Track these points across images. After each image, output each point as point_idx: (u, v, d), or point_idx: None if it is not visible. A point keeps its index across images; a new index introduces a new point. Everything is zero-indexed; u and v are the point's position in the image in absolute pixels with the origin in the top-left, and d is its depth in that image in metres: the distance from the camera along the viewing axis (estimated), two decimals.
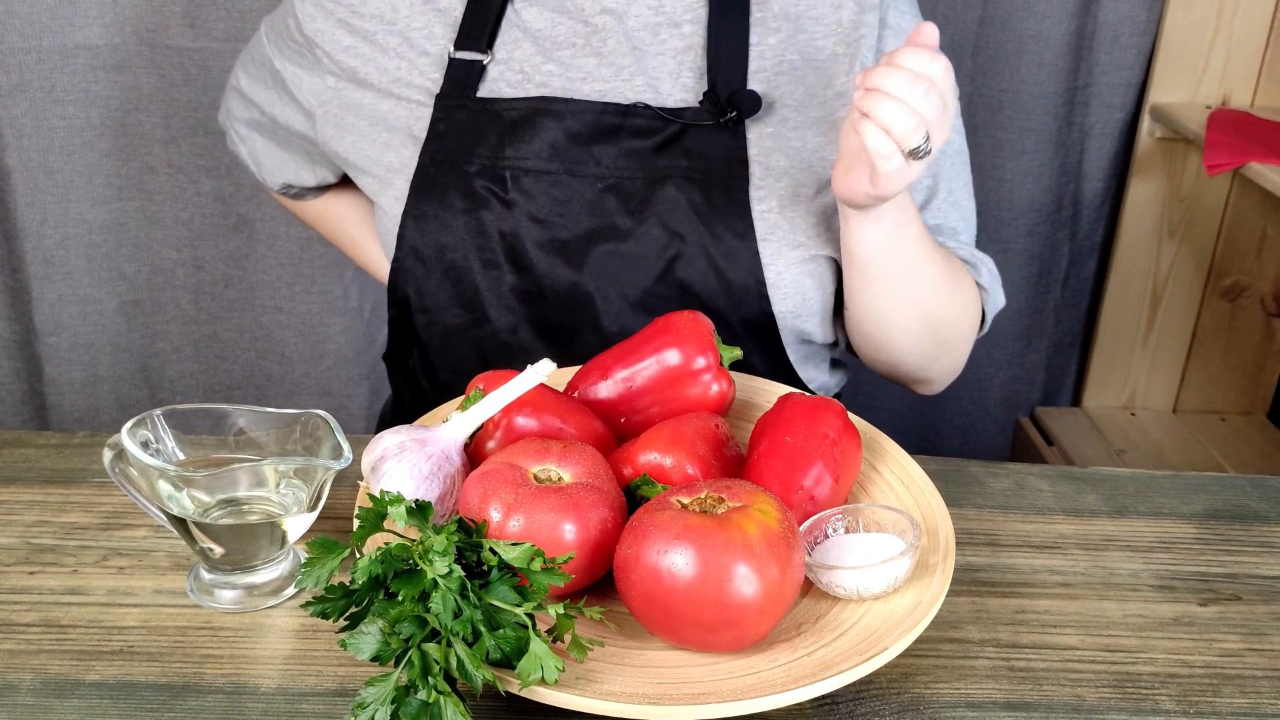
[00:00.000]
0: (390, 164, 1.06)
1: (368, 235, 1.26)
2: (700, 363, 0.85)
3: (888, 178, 0.85)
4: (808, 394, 0.85)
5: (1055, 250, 1.88)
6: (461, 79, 1.03)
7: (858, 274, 0.99)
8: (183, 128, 1.67)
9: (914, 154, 0.84)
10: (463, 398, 0.83)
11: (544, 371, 0.79)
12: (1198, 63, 1.77)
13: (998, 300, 1.11)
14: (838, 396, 1.19)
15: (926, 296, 1.01)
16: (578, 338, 1.03)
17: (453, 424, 0.79)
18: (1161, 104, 1.78)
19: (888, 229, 0.95)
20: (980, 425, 2.00)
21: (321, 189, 1.24)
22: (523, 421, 0.80)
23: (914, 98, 0.81)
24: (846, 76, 1.03)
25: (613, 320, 1.02)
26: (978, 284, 1.08)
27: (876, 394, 1.96)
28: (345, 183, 1.22)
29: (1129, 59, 1.76)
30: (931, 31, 0.84)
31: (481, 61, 1.03)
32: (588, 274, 1.02)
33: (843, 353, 1.19)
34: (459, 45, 1.03)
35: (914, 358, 1.06)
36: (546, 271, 1.02)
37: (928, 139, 0.83)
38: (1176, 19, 1.73)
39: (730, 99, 1.00)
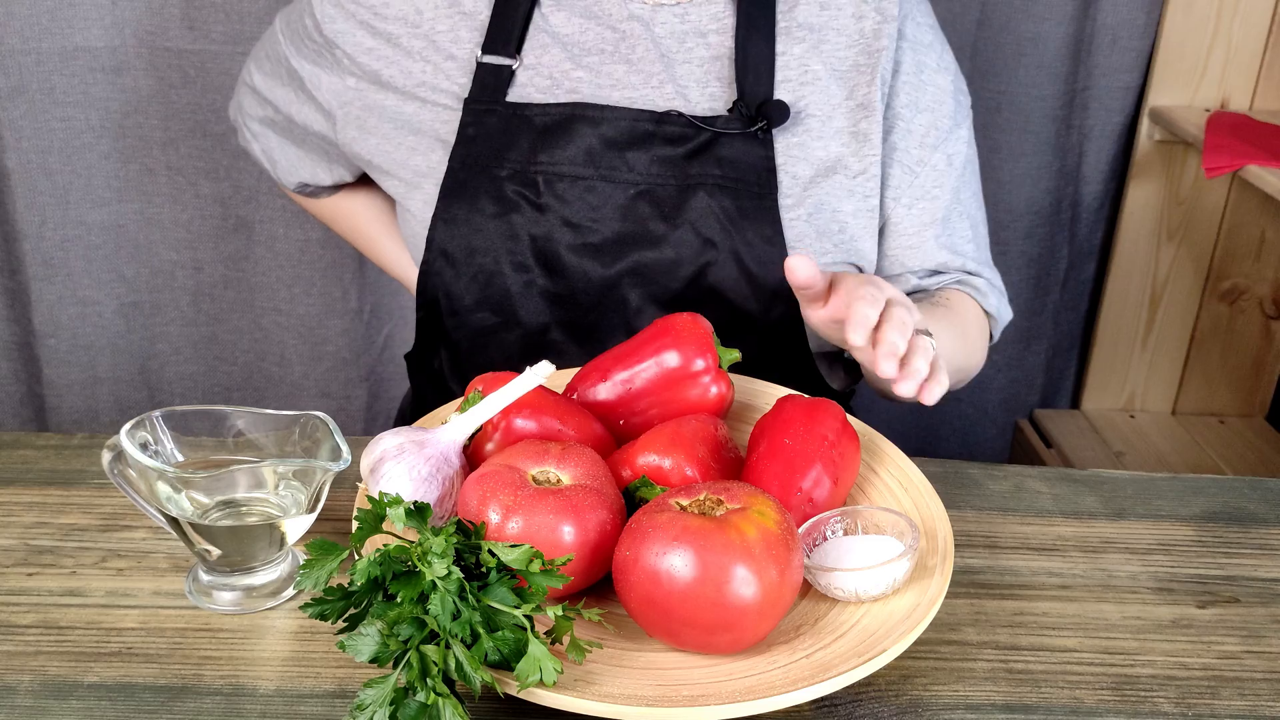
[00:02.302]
0: (417, 167, 1.06)
1: (382, 232, 1.26)
2: (699, 365, 0.86)
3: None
4: (806, 396, 0.85)
5: (1054, 253, 1.88)
6: (490, 83, 1.03)
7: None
8: (182, 130, 1.67)
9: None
10: (462, 399, 0.83)
11: (543, 373, 0.79)
12: (1196, 66, 1.77)
13: (1005, 317, 1.14)
14: (850, 395, 1.19)
15: (950, 362, 0.99)
16: (609, 340, 1.03)
17: (452, 426, 0.79)
18: (1160, 107, 1.78)
19: None
20: (979, 427, 2.00)
21: (337, 187, 1.24)
22: (522, 423, 0.80)
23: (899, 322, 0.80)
24: (869, 87, 1.04)
25: (644, 322, 1.03)
26: (985, 311, 1.11)
27: (875, 396, 1.96)
28: (360, 180, 1.22)
29: (1128, 62, 1.77)
30: (807, 266, 0.82)
31: (510, 66, 1.03)
32: (621, 277, 1.02)
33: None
34: (486, 49, 1.03)
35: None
36: (579, 275, 1.03)
37: (926, 332, 0.83)
38: (1175, 22, 1.74)
39: (760, 109, 1.01)
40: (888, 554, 0.75)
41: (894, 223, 1.08)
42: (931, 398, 0.78)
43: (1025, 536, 0.90)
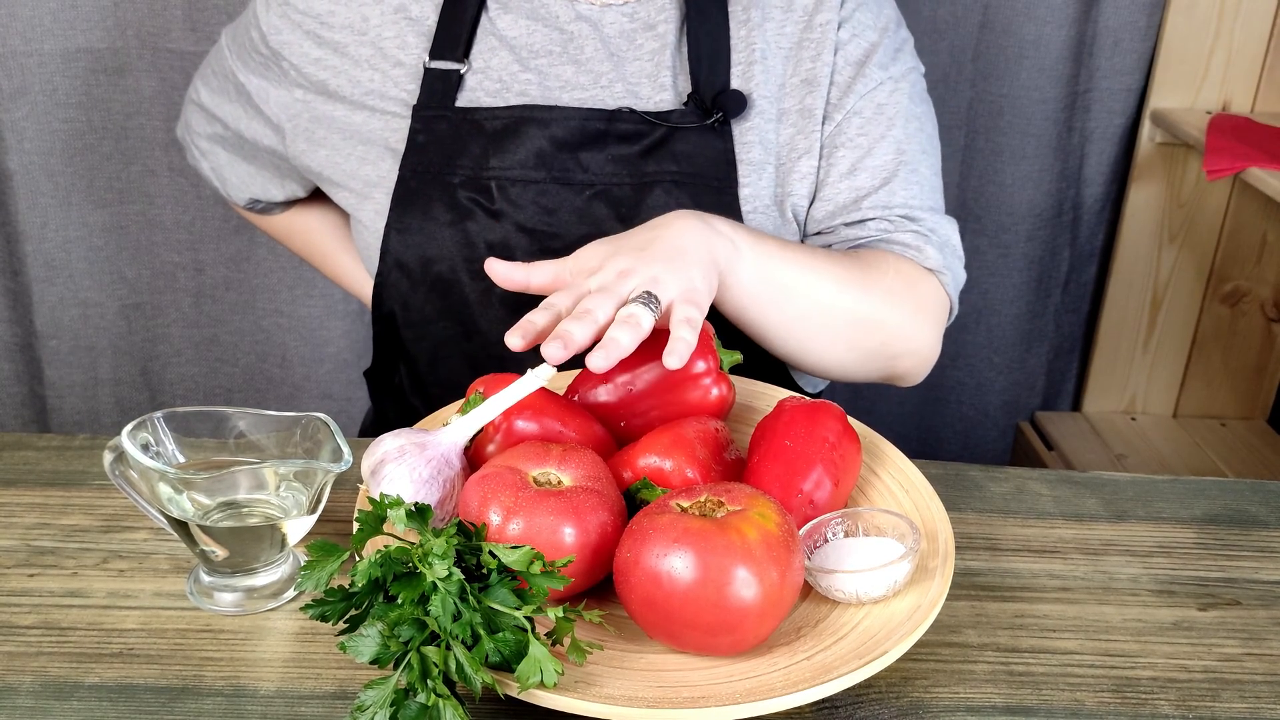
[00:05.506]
0: (367, 177, 1.04)
1: (337, 248, 1.25)
2: (700, 367, 0.85)
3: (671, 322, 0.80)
4: (807, 398, 0.85)
5: (1056, 255, 1.88)
6: (439, 89, 1.01)
7: (749, 318, 0.93)
8: None
9: (645, 304, 0.80)
10: (462, 401, 0.83)
11: (544, 375, 0.79)
12: (1198, 68, 1.77)
13: (957, 276, 1.04)
14: (820, 395, 1.19)
15: (834, 303, 0.95)
16: None
17: (453, 427, 0.79)
18: (1162, 109, 1.78)
19: (751, 266, 0.90)
20: (980, 429, 2.00)
21: (289, 203, 1.23)
22: (523, 425, 0.80)
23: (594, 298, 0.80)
24: (814, 62, 1.02)
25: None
26: (927, 268, 1.02)
27: (876, 398, 1.96)
28: (313, 196, 1.21)
29: (1129, 64, 1.77)
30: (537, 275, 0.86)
31: (459, 71, 1.02)
32: None
33: None
34: (434, 55, 1.02)
35: (859, 365, 1.00)
36: None
37: (647, 296, 0.80)
38: (1177, 24, 1.74)
39: (715, 100, 1.00)
40: (888, 556, 0.75)
41: (822, 175, 1.04)
42: (676, 357, 0.76)
43: (1026, 539, 0.90)
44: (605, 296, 0.80)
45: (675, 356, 0.77)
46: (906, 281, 1.00)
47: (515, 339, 0.79)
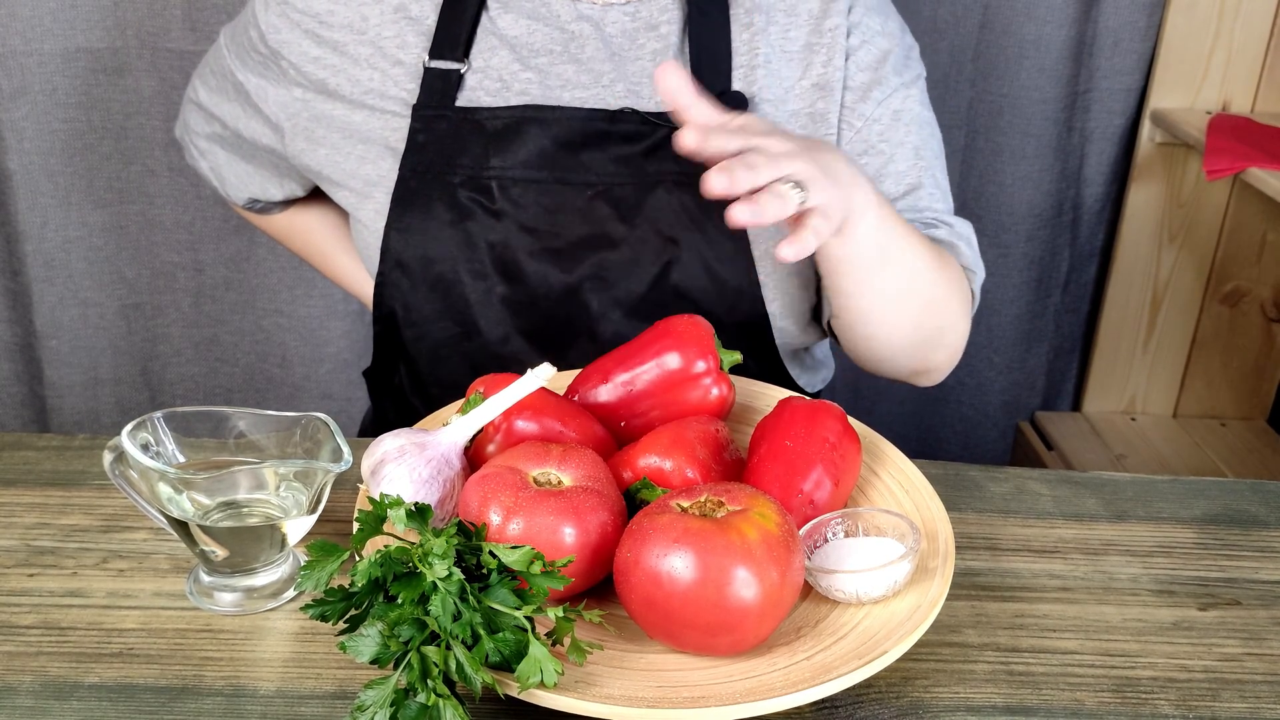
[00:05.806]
0: (367, 177, 1.04)
1: (337, 248, 1.24)
2: (700, 366, 0.86)
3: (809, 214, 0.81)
4: (807, 398, 0.85)
5: (1055, 255, 1.88)
6: (439, 89, 1.01)
7: (848, 277, 0.94)
8: None
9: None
10: (462, 401, 0.83)
11: (544, 375, 0.79)
12: (1198, 68, 1.77)
13: (980, 274, 1.07)
14: (820, 394, 1.19)
15: (918, 282, 0.97)
16: (571, 346, 1.03)
17: (453, 427, 0.79)
18: (1162, 109, 1.78)
19: (872, 225, 0.90)
20: (980, 429, 2.00)
21: (288, 203, 1.22)
22: (523, 425, 0.80)
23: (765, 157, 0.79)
24: (825, 67, 1.03)
25: (607, 327, 1.02)
26: (962, 266, 1.05)
27: (876, 398, 1.96)
28: (312, 195, 1.20)
29: (1129, 64, 1.77)
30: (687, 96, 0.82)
31: (459, 70, 1.01)
32: (582, 282, 1.01)
33: (824, 353, 1.19)
34: (434, 54, 1.01)
35: (913, 349, 1.02)
36: (539, 281, 1.01)
37: (799, 185, 0.80)
38: (1177, 24, 1.74)
39: (716, 101, 1.00)
40: (889, 556, 0.75)
41: None
42: (795, 250, 0.78)
43: (1026, 539, 0.90)
44: (770, 161, 0.79)
45: (794, 249, 0.78)
46: (959, 275, 1.03)
47: (691, 136, 0.78)
